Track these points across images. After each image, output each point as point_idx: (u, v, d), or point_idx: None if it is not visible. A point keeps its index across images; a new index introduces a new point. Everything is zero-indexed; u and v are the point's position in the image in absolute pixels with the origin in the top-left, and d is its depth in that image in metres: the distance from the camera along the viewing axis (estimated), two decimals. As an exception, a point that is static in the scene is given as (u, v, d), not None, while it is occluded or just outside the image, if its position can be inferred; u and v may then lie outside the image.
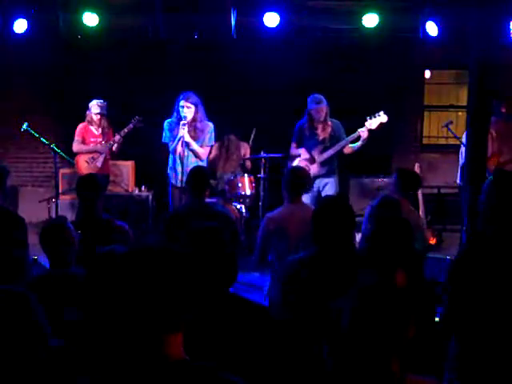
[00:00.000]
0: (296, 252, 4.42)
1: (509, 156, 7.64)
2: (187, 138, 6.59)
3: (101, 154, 7.67)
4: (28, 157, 9.47)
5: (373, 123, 6.84)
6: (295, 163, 6.93)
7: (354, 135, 6.89)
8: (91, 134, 7.77)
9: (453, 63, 9.15)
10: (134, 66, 8.90)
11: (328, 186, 7.00)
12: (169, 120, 6.82)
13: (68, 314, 2.76)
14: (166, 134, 6.83)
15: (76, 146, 7.71)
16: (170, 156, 6.85)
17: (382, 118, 6.85)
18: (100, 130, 7.79)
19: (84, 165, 7.66)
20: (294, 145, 7.20)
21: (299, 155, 7.11)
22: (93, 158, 7.67)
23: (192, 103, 6.64)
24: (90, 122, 7.74)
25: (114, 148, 7.75)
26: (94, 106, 7.71)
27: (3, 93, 9.11)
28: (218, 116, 7.23)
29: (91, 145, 7.71)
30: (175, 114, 6.73)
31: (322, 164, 7.00)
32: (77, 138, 7.70)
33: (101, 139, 7.75)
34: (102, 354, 2.40)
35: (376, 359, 1.89)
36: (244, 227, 7.92)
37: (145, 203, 8.41)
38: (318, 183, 7.03)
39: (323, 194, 6.99)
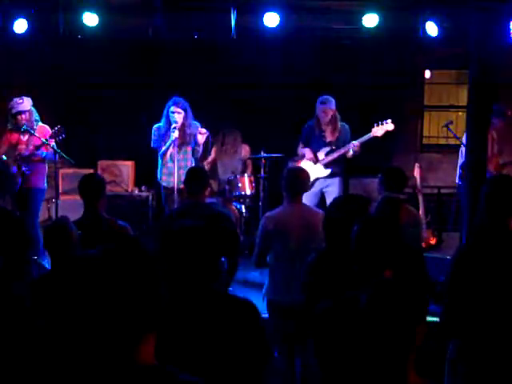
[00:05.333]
0: (295, 252, 4.44)
1: (508, 158, 7.65)
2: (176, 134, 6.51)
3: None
4: (28, 157, 9.45)
5: (379, 130, 6.91)
6: (301, 163, 6.93)
7: (347, 147, 6.93)
8: (19, 140, 6.79)
9: (453, 63, 9.15)
10: (134, 65, 8.90)
11: (331, 188, 7.02)
12: (157, 125, 6.83)
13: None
14: (154, 139, 6.83)
15: None
16: (159, 160, 6.83)
17: (389, 126, 6.95)
18: (27, 134, 6.71)
19: None
20: (301, 145, 7.24)
21: (304, 155, 7.14)
22: None
23: (182, 108, 6.69)
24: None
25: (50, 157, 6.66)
26: (12, 107, 6.73)
27: (3, 92, 9.10)
28: (218, 116, 7.23)
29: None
30: (164, 119, 6.75)
31: (327, 166, 7.04)
32: (3, 144, 6.84)
33: (25, 146, 6.71)
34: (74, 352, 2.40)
35: (392, 363, 1.88)
36: (244, 227, 7.93)
37: (145, 203, 8.42)
38: (322, 184, 7.06)
39: (326, 195, 7.01)
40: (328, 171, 7.03)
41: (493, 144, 6.99)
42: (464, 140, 6.68)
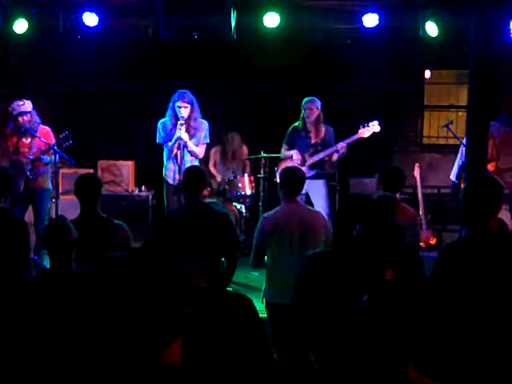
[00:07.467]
0: (292, 252, 4.43)
1: (509, 162, 7.62)
2: (186, 139, 6.52)
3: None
4: (28, 157, 9.46)
5: (365, 132, 6.87)
6: (287, 164, 6.90)
7: (334, 148, 6.89)
8: (21, 142, 6.74)
9: (453, 63, 9.15)
10: (133, 65, 8.91)
11: (316, 189, 6.97)
12: (162, 120, 6.68)
13: None
14: (160, 135, 6.67)
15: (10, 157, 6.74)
16: (165, 155, 6.71)
17: (375, 127, 6.90)
18: (29, 137, 6.70)
19: None
20: (285, 147, 7.19)
21: (291, 156, 7.11)
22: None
23: (188, 102, 6.56)
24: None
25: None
26: (13, 109, 6.64)
27: (2, 93, 9.11)
28: (218, 116, 7.22)
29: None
30: (170, 112, 6.62)
31: (312, 167, 7.01)
32: (9, 147, 6.77)
33: (28, 149, 6.69)
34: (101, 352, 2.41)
35: (393, 362, 1.86)
36: (244, 227, 7.93)
37: (145, 203, 8.42)
38: (307, 185, 7.01)
39: (311, 196, 6.97)
40: (313, 172, 6.99)
41: (493, 148, 6.96)
42: (465, 140, 6.67)
